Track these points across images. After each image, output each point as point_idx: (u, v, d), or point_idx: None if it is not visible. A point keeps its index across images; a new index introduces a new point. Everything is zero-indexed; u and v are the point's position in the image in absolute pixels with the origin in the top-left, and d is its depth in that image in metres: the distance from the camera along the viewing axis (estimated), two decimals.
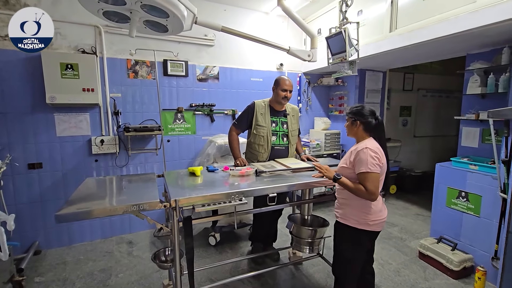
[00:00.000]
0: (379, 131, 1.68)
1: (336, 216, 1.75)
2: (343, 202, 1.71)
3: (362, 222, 1.63)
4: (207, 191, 1.67)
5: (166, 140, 3.35)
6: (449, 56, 3.11)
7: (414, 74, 5.01)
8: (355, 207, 1.65)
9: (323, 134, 3.98)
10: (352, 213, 1.65)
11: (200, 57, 3.46)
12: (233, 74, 3.67)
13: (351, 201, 1.66)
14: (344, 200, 1.71)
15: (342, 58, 2.27)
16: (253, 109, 2.48)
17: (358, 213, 1.64)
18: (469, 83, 2.73)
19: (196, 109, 3.47)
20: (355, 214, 1.64)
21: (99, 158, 3.05)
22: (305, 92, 4.26)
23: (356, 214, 1.64)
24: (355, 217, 1.64)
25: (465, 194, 2.58)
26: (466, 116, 2.75)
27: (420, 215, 3.94)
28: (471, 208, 2.54)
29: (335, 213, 1.77)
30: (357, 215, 1.64)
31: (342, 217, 1.69)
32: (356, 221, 1.64)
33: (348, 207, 1.67)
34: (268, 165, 2.30)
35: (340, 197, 1.74)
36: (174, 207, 1.54)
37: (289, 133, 2.52)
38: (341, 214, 1.70)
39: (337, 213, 1.74)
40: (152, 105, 3.24)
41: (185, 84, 3.40)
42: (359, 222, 1.63)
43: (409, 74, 4.97)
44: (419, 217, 3.85)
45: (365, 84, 4.01)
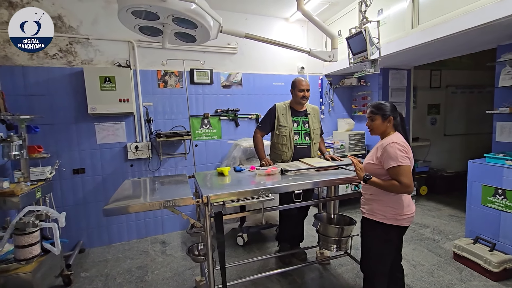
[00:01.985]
0: (403, 125, 1.69)
1: (362, 212, 1.75)
2: (369, 197, 1.70)
3: (389, 217, 1.61)
4: (235, 188, 1.72)
5: (194, 145, 3.48)
6: (478, 49, 2.98)
7: (442, 70, 4.83)
8: (382, 202, 1.63)
9: (347, 135, 3.95)
10: (379, 208, 1.64)
11: (224, 64, 3.57)
12: (255, 80, 3.75)
13: (378, 196, 1.65)
14: (370, 196, 1.70)
15: (363, 57, 2.27)
16: (274, 111, 2.54)
17: (385, 208, 1.62)
18: (501, 75, 2.61)
19: (221, 114, 3.57)
20: (382, 209, 1.63)
21: (134, 163, 3.22)
22: (327, 94, 4.25)
23: (383, 209, 1.62)
24: (382, 212, 1.63)
25: (502, 191, 2.44)
26: (500, 110, 2.62)
27: (454, 216, 3.75)
28: (509, 206, 2.40)
29: (361, 209, 1.76)
30: (384, 210, 1.62)
31: (369, 213, 1.68)
32: (383, 216, 1.62)
33: (374, 202, 1.66)
34: (293, 164, 2.33)
35: (366, 192, 1.73)
36: (206, 203, 1.60)
37: (311, 132, 2.56)
38: (368, 209, 1.69)
39: (363, 209, 1.74)
40: (180, 112, 3.39)
41: (210, 91, 3.52)
42: (387, 217, 1.61)
43: (436, 71, 4.81)
44: (452, 218, 3.67)
45: (388, 83, 3.93)
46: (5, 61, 2.75)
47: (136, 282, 2.48)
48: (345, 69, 3.81)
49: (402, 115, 1.70)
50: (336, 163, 2.35)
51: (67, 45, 2.94)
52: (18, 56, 2.79)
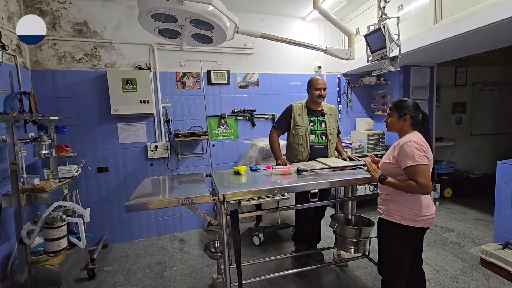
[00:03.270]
0: (426, 125, 1.64)
1: (379, 213, 1.71)
2: (386, 198, 1.68)
3: (407, 218, 1.57)
4: (251, 187, 1.74)
5: (211, 144, 3.52)
6: (506, 44, 2.83)
7: (468, 67, 4.63)
8: (399, 203, 1.60)
9: (365, 135, 3.87)
10: (396, 209, 1.61)
11: (240, 65, 3.60)
12: (272, 80, 3.75)
13: (395, 197, 1.62)
14: (387, 196, 1.67)
15: (382, 54, 2.23)
16: (290, 111, 2.54)
17: (402, 208, 1.59)
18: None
19: (238, 114, 3.60)
20: (399, 210, 1.60)
21: (154, 162, 3.30)
22: (345, 93, 4.19)
23: (401, 210, 1.59)
24: (400, 213, 1.59)
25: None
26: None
27: (481, 220, 3.58)
28: None
29: (378, 210, 1.73)
30: (402, 211, 1.59)
31: (386, 213, 1.65)
32: (401, 217, 1.59)
33: (391, 203, 1.63)
34: (309, 164, 2.32)
35: (383, 193, 1.71)
36: (222, 201, 1.62)
37: (328, 132, 2.54)
38: (385, 210, 1.66)
39: (380, 210, 1.71)
40: (198, 113, 3.44)
41: (227, 91, 3.56)
42: (404, 218, 1.58)
43: (461, 68, 4.62)
44: (480, 222, 3.50)
45: (410, 81, 3.82)
46: (36, 66, 2.93)
47: (155, 277, 2.56)
48: (364, 68, 3.73)
49: (426, 114, 1.66)
50: (354, 163, 2.32)
51: (92, 49, 3.08)
52: (48, 61, 2.96)
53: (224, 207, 1.62)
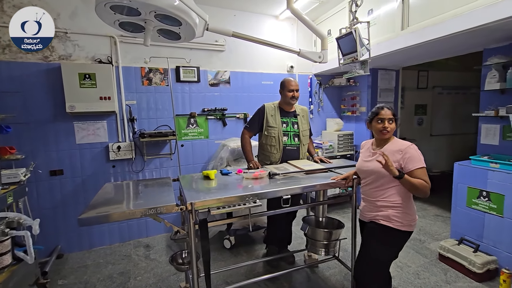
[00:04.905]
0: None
1: (373, 218, 1.70)
2: (383, 204, 1.67)
3: (405, 224, 1.62)
4: (221, 194, 1.69)
5: (180, 145, 3.41)
6: (465, 52, 3.02)
7: (429, 71, 4.91)
8: (401, 209, 1.63)
9: (335, 135, 3.97)
10: (396, 215, 1.63)
11: (211, 62, 3.51)
12: (244, 78, 3.71)
13: (396, 203, 1.63)
14: (385, 202, 1.66)
15: (353, 58, 2.28)
16: (263, 112, 2.52)
17: (402, 214, 1.62)
18: (487, 78, 2.65)
19: (208, 113, 3.52)
20: (400, 216, 1.62)
21: (117, 164, 3.14)
22: (317, 94, 4.24)
23: (401, 216, 1.62)
24: (399, 219, 1.62)
25: (486, 193, 2.50)
26: (485, 113, 2.67)
27: (439, 216, 3.83)
28: (493, 208, 2.45)
29: (367, 215, 1.74)
30: (402, 216, 1.62)
31: (385, 219, 1.65)
32: (400, 223, 1.62)
33: (391, 209, 1.64)
34: (281, 167, 2.31)
35: (378, 198, 1.69)
36: (190, 210, 1.57)
37: (300, 133, 2.55)
38: (383, 216, 1.66)
39: (373, 215, 1.70)
40: (166, 111, 3.31)
41: (197, 89, 3.45)
42: (403, 223, 1.62)
43: (424, 72, 4.87)
44: (438, 218, 3.75)
45: (377, 83, 3.96)
46: None
47: None
48: (335, 69, 3.79)
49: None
50: (326, 166, 2.33)
51: None
52: None
53: (193, 217, 1.57)
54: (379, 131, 1.69)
